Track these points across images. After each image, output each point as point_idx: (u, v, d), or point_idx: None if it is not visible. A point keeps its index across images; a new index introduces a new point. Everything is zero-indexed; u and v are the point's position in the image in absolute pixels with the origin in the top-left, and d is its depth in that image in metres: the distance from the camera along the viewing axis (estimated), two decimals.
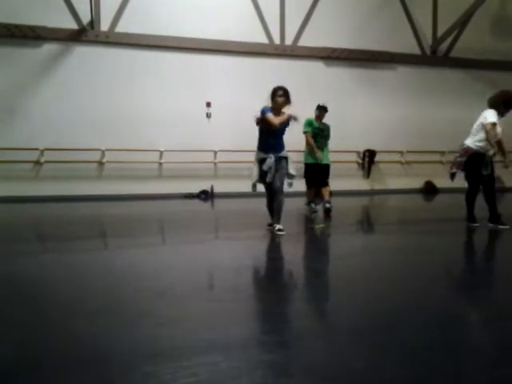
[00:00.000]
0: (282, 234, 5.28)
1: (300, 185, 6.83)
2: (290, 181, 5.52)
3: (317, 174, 7.45)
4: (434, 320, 2.49)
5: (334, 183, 10.03)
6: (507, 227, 5.63)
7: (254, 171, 5.55)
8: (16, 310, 2.72)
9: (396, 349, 2.11)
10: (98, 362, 1.99)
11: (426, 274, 3.61)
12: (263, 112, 5.48)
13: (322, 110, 7.63)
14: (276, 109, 5.53)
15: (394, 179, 12.79)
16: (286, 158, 5.53)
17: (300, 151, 7.93)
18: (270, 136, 5.49)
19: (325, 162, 7.53)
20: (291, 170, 5.52)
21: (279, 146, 5.53)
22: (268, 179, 5.43)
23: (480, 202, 5.97)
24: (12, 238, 5.61)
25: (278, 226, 5.42)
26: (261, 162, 5.48)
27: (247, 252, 4.63)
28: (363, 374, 1.86)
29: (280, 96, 5.54)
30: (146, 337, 2.25)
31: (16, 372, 1.91)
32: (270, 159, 5.38)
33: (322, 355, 2.05)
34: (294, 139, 6.69)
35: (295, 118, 5.53)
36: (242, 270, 3.70)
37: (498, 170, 6.38)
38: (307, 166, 7.56)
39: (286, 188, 5.50)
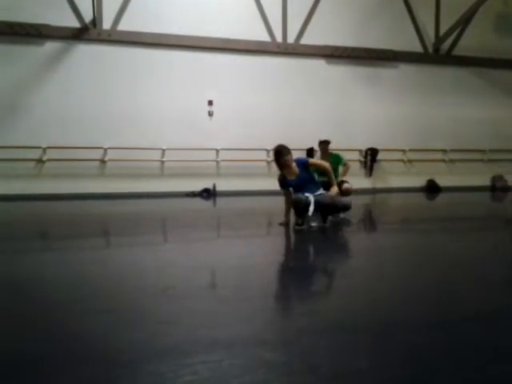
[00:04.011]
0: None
1: None
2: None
3: None
4: (434, 320, 2.48)
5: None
6: None
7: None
8: (17, 309, 2.72)
9: (397, 348, 2.11)
10: (99, 360, 1.99)
11: (428, 273, 3.61)
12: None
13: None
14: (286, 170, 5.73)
15: (397, 178, 12.76)
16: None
17: None
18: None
19: None
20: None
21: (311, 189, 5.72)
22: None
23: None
24: (14, 235, 5.62)
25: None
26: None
27: (249, 250, 4.63)
28: (365, 374, 1.85)
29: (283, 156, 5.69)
30: (148, 335, 2.25)
31: (17, 371, 1.91)
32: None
33: (323, 354, 2.04)
34: None
35: None
36: (243, 268, 3.70)
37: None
38: None
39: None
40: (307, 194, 5.56)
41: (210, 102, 11.40)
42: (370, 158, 12.54)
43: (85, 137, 10.44)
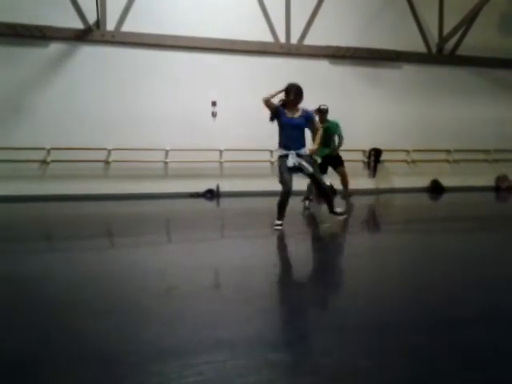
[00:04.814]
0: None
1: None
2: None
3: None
4: (435, 320, 2.50)
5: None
6: None
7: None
8: (21, 309, 2.75)
9: (397, 348, 2.12)
10: (103, 361, 2.01)
11: (428, 273, 3.62)
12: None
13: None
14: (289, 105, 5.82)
15: (400, 178, 12.75)
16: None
17: None
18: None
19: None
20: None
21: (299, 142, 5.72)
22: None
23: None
24: (19, 236, 5.66)
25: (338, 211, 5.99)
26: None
27: (252, 251, 4.65)
28: (367, 374, 1.87)
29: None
30: (152, 335, 2.27)
31: (21, 371, 1.94)
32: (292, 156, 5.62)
33: (325, 354, 2.06)
34: None
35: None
36: (247, 268, 3.72)
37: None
38: None
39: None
40: (292, 155, 5.59)
41: (214, 103, 11.42)
42: (374, 158, 12.52)
43: (88, 138, 10.48)
